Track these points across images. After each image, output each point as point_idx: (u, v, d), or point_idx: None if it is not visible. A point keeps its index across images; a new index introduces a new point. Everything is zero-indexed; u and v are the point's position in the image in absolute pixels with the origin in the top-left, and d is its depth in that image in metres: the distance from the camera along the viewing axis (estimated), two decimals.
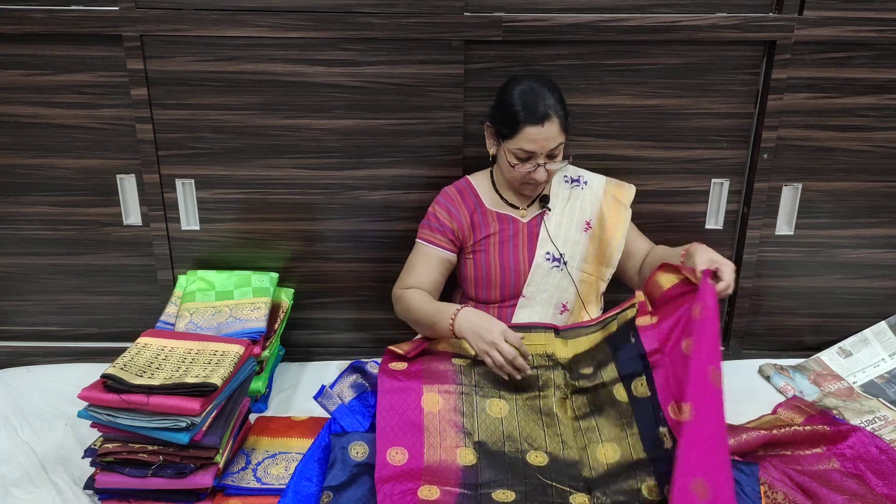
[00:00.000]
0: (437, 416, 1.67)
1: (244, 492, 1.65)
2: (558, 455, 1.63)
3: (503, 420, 1.69)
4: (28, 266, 2.16)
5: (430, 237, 1.93)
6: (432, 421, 1.66)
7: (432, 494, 1.52)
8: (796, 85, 1.99)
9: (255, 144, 2.03)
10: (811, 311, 2.23)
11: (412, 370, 1.75)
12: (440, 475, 1.57)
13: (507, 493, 1.54)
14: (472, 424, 1.67)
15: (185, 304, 2.00)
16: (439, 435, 1.64)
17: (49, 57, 1.95)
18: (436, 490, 1.53)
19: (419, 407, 1.67)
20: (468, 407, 1.69)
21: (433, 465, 1.60)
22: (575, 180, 1.97)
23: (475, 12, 1.92)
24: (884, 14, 1.93)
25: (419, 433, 1.63)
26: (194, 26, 1.91)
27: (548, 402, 1.70)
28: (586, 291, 1.96)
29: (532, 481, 1.57)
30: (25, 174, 2.07)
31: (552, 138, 1.77)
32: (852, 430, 1.81)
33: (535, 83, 1.79)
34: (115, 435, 1.61)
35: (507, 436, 1.67)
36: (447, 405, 1.69)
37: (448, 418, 1.67)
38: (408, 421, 1.65)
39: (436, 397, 1.69)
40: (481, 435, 1.66)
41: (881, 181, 2.10)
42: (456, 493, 1.54)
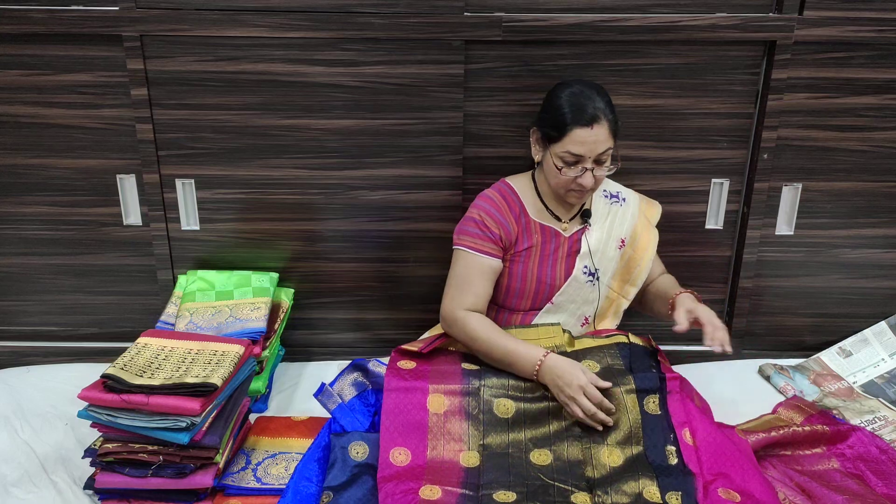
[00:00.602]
0: (442, 417, 1.66)
1: (244, 492, 1.65)
2: (562, 454, 1.63)
3: (509, 421, 1.68)
4: (28, 266, 2.16)
5: (480, 246, 1.82)
6: (437, 423, 1.66)
7: (434, 494, 1.52)
8: (796, 85, 1.99)
9: (255, 144, 2.03)
10: (811, 311, 2.23)
11: (420, 370, 1.75)
12: (442, 475, 1.58)
13: (508, 493, 1.54)
14: (478, 426, 1.67)
15: (185, 304, 2.00)
16: (443, 437, 1.64)
17: (49, 57, 1.95)
18: (437, 490, 1.53)
19: (424, 408, 1.67)
20: (474, 408, 1.69)
21: (435, 465, 1.60)
22: (614, 196, 1.94)
23: (475, 12, 1.92)
24: (884, 14, 1.93)
25: (423, 434, 1.63)
26: (194, 26, 1.91)
27: (556, 403, 1.70)
28: (606, 307, 1.96)
29: (534, 482, 1.57)
30: (25, 174, 2.07)
31: (601, 142, 1.72)
32: (852, 430, 1.81)
33: (584, 87, 1.76)
34: (115, 435, 1.61)
35: (512, 437, 1.66)
36: (452, 406, 1.68)
37: (453, 420, 1.67)
38: (412, 422, 1.65)
39: (441, 399, 1.69)
40: (486, 437, 1.65)
41: (881, 181, 2.10)
42: (457, 493, 1.54)
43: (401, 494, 1.52)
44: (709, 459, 1.59)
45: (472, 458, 1.62)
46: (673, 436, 1.63)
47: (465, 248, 1.83)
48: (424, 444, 1.62)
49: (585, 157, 1.73)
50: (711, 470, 1.58)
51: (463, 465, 1.60)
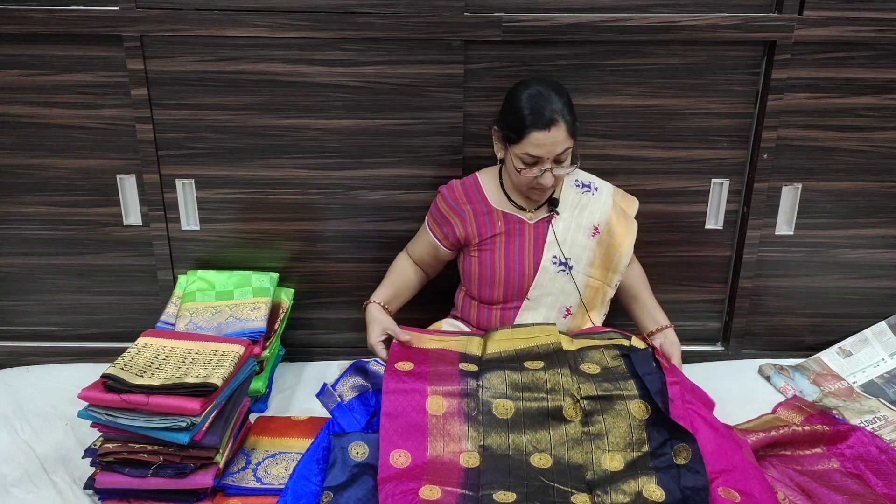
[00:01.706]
0: (441, 419, 1.66)
1: (244, 492, 1.65)
2: (562, 458, 1.63)
3: (508, 422, 1.68)
4: (28, 266, 2.16)
5: (430, 225, 1.98)
6: (436, 424, 1.65)
7: (434, 495, 1.52)
8: (796, 85, 1.99)
9: (255, 144, 2.03)
10: (811, 311, 2.23)
11: (418, 371, 1.75)
12: (442, 476, 1.57)
13: (508, 494, 1.54)
14: (477, 427, 1.66)
15: (185, 304, 2.00)
16: (442, 438, 1.64)
17: (49, 57, 1.95)
18: (437, 490, 1.53)
19: (423, 410, 1.66)
20: (473, 408, 1.69)
21: (435, 466, 1.59)
22: (586, 185, 1.96)
23: (475, 12, 1.92)
24: (884, 14, 1.93)
25: (423, 436, 1.63)
26: (194, 26, 1.91)
27: (556, 405, 1.70)
28: (591, 296, 1.96)
29: (534, 483, 1.57)
30: (25, 174, 2.07)
31: (559, 143, 1.76)
32: (852, 430, 1.81)
33: (543, 87, 1.78)
34: (115, 435, 1.61)
35: (512, 439, 1.66)
36: (451, 408, 1.68)
37: (452, 421, 1.66)
38: (412, 424, 1.64)
39: (440, 400, 1.68)
40: (486, 438, 1.65)
41: (881, 181, 2.10)
42: (457, 493, 1.54)
43: (401, 495, 1.52)
44: (710, 458, 1.59)
45: (473, 459, 1.62)
46: (679, 436, 1.62)
47: (425, 222, 2.01)
48: (424, 446, 1.62)
49: (544, 158, 1.78)
50: (713, 468, 1.58)
51: (463, 466, 1.60)
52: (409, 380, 1.72)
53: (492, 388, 1.72)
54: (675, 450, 1.61)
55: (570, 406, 1.69)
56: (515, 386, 1.73)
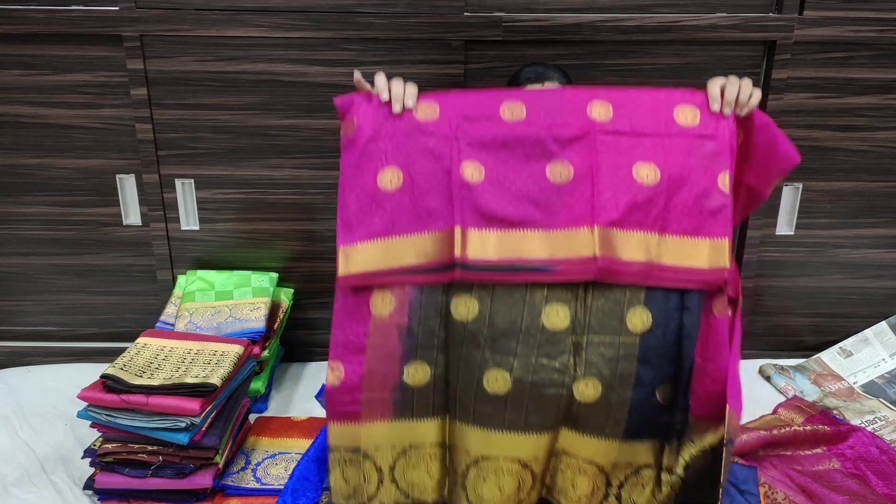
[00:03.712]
0: (386, 322, 1.44)
1: (244, 492, 1.65)
2: (524, 378, 1.42)
3: (467, 325, 1.43)
4: (28, 266, 2.16)
5: None
6: (378, 329, 1.44)
7: (385, 308, 1.42)
8: (796, 85, 1.99)
9: (255, 144, 2.03)
10: (811, 311, 2.23)
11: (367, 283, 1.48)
12: (378, 385, 1.45)
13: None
14: (425, 334, 1.45)
15: (185, 304, 2.00)
16: (382, 349, 1.45)
17: (49, 57, 1.95)
18: (389, 299, 1.42)
19: (367, 313, 1.44)
20: (425, 311, 1.45)
21: (372, 380, 1.45)
22: None
23: (475, 12, 1.92)
24: (884, 14, 1.92)
25: (360, 353, 1.44)
26: (194, 26, 1.91)
27: (534, 305, 1.42)
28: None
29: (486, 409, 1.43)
30: (25, 174, 2.07)
31: None
32: (853, 431, 1.81)
33: (542, 65, 1.76)
34: (115, 435, 1.61)
35: (467, 349, 1.43)
36: (399, 306, 1.44)
37: (395, 326, 1.44)
38: (351, 338, 1.45)
39: (388, 296, 1.44)
40: (435, 351, 1.45)
41: (881, 181, 2.10)
42: (391, 398, 1.45)
43: (340, 405, 1.44)
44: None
45: (415, 374, 1.46)
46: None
47: None
48: (361, 362, 1.45)
49: None
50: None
51: (403, 379, 1.45)
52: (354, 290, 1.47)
53: (455, 287, 1.45)
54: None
55: (554, 309, 1.44)
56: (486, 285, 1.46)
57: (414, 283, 1.43)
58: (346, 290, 1.43)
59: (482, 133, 1.41)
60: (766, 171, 1.47)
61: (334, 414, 1.46)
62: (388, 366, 1.45)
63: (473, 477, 1.47)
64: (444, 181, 1.41)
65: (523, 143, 1.40)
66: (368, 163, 1.42)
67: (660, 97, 1.43)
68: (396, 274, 1.42)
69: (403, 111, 1.42)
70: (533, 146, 1.40)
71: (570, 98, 1.42)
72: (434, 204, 1.41)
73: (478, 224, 1.40)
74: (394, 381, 1.45)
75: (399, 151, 1.42)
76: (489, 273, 1.40)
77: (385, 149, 1.42)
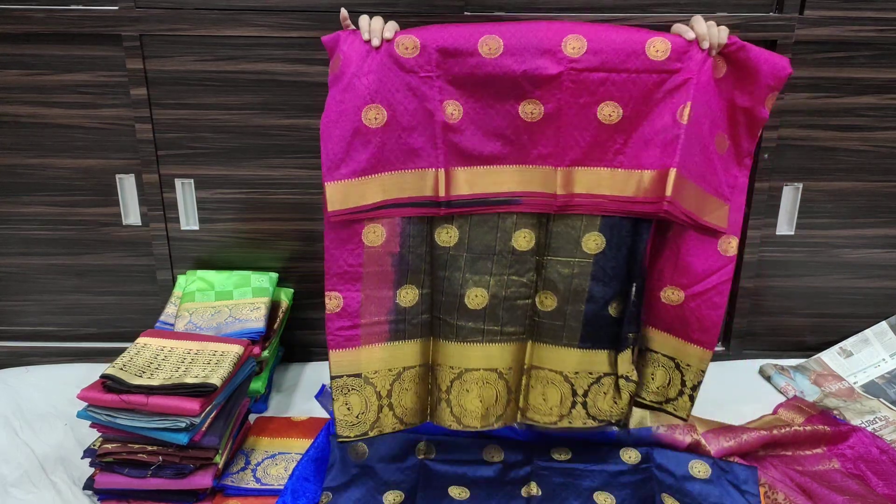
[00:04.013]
0: (378, 251, 1.57)
1: (243, 492, 1.65)
2: (498, 294, 1.62)
3: (449, 250, 1.59)
4: (28, 266, 2.16)
5: None
6: (372, 258, 1.57)
7: (377, 238, 1.56)
8: (797, 85, 1.99)
9: (255, 144, 2.03)
10: (812, 311, 2.23)
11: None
12: (376, 310, 1.60)
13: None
14: (415, 260, 1.59)
15: (185, 305, 2.00)
16: (377, 276, 1.59)
17: (49, 57, 1.95)
18: (381, 232, 1.56)
19: (360, 244, 1.56)
20: (413, 239, 1.58)
21: (370, 305, 1.60)
22: None
23: (475, 12, 1.91)
24: (884, 14, 1.92)
25: (357, 281, 1.58)
26: (194, 26, 1.91)
27: (505, 231, 1.60)
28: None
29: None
30: (25, 174, 2.07)
31: None
32: (853, 431, 1.81)
33: None
34: (115, 435, 1.61)
35: (450, 272, 1.60)
36: (390, 236, 1.57)
37: (388, 255, 1.58)
38: (346, 269, 1.58)
39: (379, 228, 1.56)
40: (423, 275, 1.60)
41: (882, 181, 2.10)
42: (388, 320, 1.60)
43: (338, 330, 1.58)
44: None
45: (407, 296, 1.62)
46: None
47: None
48: (358, 288, 1.59)
49: None
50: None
51: (397, 302, 1.61)
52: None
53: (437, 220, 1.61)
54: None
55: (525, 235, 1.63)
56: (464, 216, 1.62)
57: (401, 216, 1.55)
58: (337, 223, 1.54)
59: (461, 70, 1.49)
60: (755, 90, 1.53)
61: (335, 342, 1.59)
62: (384, 290, 1.59)
63: (457, 391, 1.64)
64: (426, 121, 1.51)
65: (500, 81, 1.49)
66: (353, 98, 1.49)
67: (634, 32, 1.51)
68: (383, 208, 1.53)
69: (384, 45, 1.49)
70: (508, 85, 1.50)
71: (545, 31, 1.50)
72: (418, 143, 1.52)
73: (458, 163, 1.53)
74: (389, 305, 1.60)
75: (383, 89, 1.49)
76: (467, 207, 1.55)
77: (368, 85, 1.49)
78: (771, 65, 1.51)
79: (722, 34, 1.50)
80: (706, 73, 1.50)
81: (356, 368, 1.59)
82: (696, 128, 1.52)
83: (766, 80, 1.52)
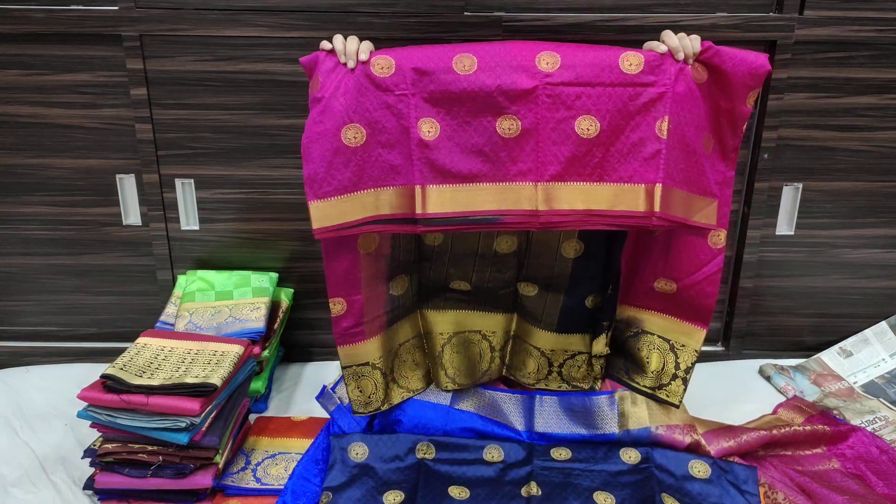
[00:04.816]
0: (373, 255, 1.67)
1: (244, 492, 1.65)
2: (480, 286, 1.77)
3: (435, 248, 1.74)
4: (28, 266, 2.16)
5: None
6: (368, 263, 1.66)
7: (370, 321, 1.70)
8: (797, 85, 1.99)
9: (255, 144, 2.03)
10: (812, 311, 2.23)
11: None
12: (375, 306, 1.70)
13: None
14: (405, 256, 1.73)
15: (185, 305, 2.00)
16: (374, 277, 1.69)
17: (49, 57, 1.95)
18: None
19: (357, 253, 1.65)
20: (404, 240, 1.71)
21: (370, 305, 1.69)
22: None
23: (475, 12, 1.91)
24: (884, 14, 1.92)
25: (358, 286, 1.67)
26: (194, 26, 1.91)
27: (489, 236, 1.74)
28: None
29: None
30: (25, 174, 2.07)
31: None
32: (853, 431, 1.81)
33: None
34: (115, 435, 1.61)
35: (435, 265, 1.76)
36: (383, 241, 1.68)
37: (382, 257, 1.69)
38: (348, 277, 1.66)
39: (372, 236, 1.65)
40: (411, 265, 1.74)
41: (881, 181, 2.10)
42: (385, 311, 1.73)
43: (345, 328, 1.67)
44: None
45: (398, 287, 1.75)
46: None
47: None
48: (358, 290, 1.67)
49: None
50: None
51: (392, 293, 1.73)
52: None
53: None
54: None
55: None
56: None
57: (381, 232, 1.61)
58: (331, 237, 1.59)
59: (436, 88, 1.51)
60: (735, 91, 1.55)
61: (342, 339, 1.69)
62: (381, 287, 1.70)
63: (448, 353, 1.79)
64: (403, 139, 1.53)
65: (475, 97, 1.50)
66: (332, 119, 1.51)
67: (607, 48, 1.54)
68: (365, 224, 1.57)
69: (359, 66, 1.51)
70: (484, 101, 1.51)
71: (519, 50, 1.52)
72: (397, 160, 1.54)
73: (435, 180, 1.54)
74: (385, 298, 1.71)
75: (360, 108, 1.52)
76: (445, 225, 1.57)
77: (346, 105, 1.51)
78: (748, 64, 1.53)
79: (695, 43, 1.52)
80: (684, 84, 1.52)
81: (364, 358, 1.71)
82: (678, 138, 1.54)
83: (745, 80, 1.54)
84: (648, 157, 1.51)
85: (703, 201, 1.61)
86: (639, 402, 1.74)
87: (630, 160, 1.52)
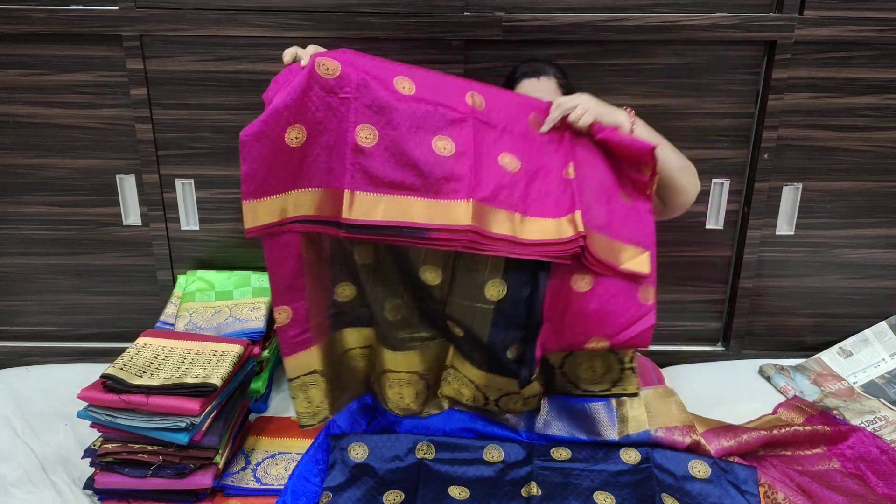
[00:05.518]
0: (314, 259, 1.63)
1: (244, 492, 1.65)
2: (412, 308, 1.69)
3: (368, 267, 1.65)
4: (28, 266, 2.16)
5: None
6: (311, 267, 1.62)
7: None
8: (797, 85, 1.99)
9: None
10: (811, 311, 2.23)
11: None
12: (318, 310, 1.66)
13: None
14: (346, 259, 1.65)
15: (185, 305, 2.00)
16: (317, 281, 1.64)
17: (49, 57, 1.95)
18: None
19: (300, 258, 1.60)
20: (340, 243, 1.63)
21: (313, 309, 1.64)
22: None
23: (475, 12, 1.92)
24: (884, 14, 1.92)
25: (302, 292, 1.62)
26: (194, 26, 1.91)
27: (417, 261, 1.63)
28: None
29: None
30: (25, 174, 2.07)
31: (548, 92, 1.75)
32: (853, 431, 1.81)
33: (539, 61, 1.83)
34: (115, 435, 1.61)
35: (371, 285, 1.66)
36: (322, 242, 1.63)
37: (323, 259, 1.64)
38: (292, 283, 1.61)
39: (312, 237, 1.61)
40: (356, 275, 1.66)
41: (881, 181, 2.10)
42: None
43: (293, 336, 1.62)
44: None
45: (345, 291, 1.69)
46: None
47: None
48: (302, 296, 1.63)
49: None
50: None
51: (336, 298, 1.69)
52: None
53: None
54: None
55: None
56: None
57: (306, 231, 1.57)
58: (276, 241, 1.56)
59: (377, 99, 1.52)
60: (629, 163, 1.63)
61: (290, 348, 1.63)
62: (324, 290, 1.65)
63: (383, 382, 1.74)
64: (340, 142, 1.53)
65: (413, 115, 1.53)
66: (275, 119, 1.51)
67: (521, 102, 1.65)
68: (293, 223, 1.55)
69: (307, 66, 1.52)
70: (422, 119, 1.54)
71: (452, 83, 1.60)
72: (333, 163, 1.54)
73: (366, 187, 1.53)
74: (328, 302, 1.67)
75: (304, 109, 1.51)
76: (371, 233, 1.54)
77: (290, 105, 1.51)
78: (634, 149, 1.60)
79: (585, 118, 1.61)
80: (585, 141, 1.63)
81: (311, 366, 1.66)
82: (588, 183, 1.60)
83: (636, 156, 1.61)
84: (562, 194, 1.58)
85: (633, 250, 1.61)
86: (636, 404, 1.74)
87: (548, 200, 1.57)
